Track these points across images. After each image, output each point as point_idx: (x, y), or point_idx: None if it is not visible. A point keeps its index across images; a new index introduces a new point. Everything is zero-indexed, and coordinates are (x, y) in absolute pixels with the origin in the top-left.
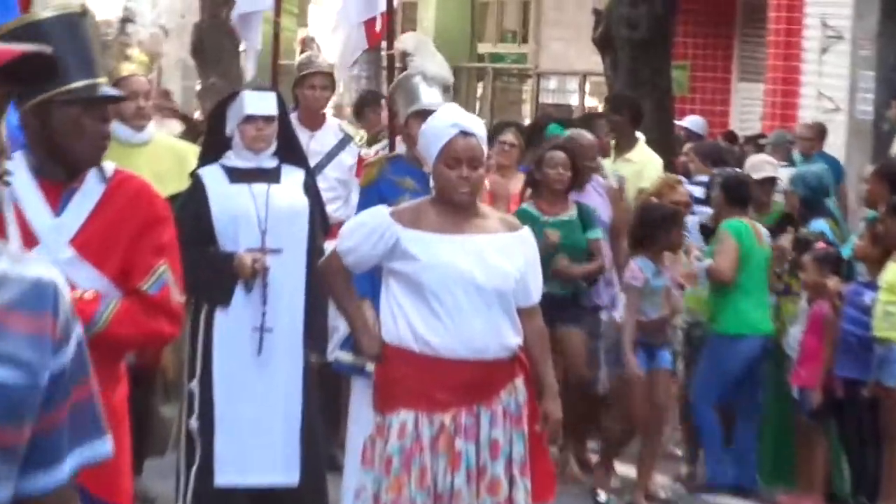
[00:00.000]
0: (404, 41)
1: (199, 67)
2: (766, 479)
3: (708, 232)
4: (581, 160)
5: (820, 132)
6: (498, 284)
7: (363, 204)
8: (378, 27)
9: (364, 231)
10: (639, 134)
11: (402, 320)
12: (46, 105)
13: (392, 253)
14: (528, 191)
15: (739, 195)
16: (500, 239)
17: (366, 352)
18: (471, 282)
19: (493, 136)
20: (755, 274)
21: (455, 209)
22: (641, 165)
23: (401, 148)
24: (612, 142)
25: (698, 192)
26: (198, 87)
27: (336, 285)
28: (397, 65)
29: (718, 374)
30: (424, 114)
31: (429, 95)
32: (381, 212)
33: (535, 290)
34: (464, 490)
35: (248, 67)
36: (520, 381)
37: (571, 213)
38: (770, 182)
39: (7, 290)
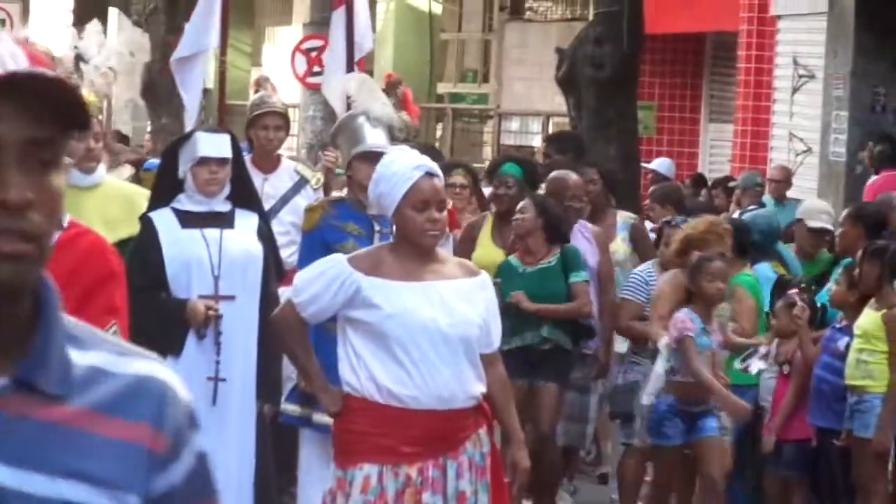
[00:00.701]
0: (347, 84)
1: (150, 108)
2: None
3: None
4: (564, 201)
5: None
6: (463, 332)
7: (306, 249)
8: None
9: (323, 281)
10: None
11: (363, 371)
12: None
13: (352, 302)
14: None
15: (742, 244)
16: (462, 285)
17: (327, 409)
18: (436, 330)
19: None
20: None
21: (415, 255)
22: None
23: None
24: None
25: None
26: (148, 128)
27: (291, 339)
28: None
29: None
30: (369, 156)
31: (374, 137)
32: (338, 259)
33: (496, 335)
34: None
35: (186, 118)
36: (483, 432)
37: (551, 259)
38: (822, 233)
39: (99, 388)
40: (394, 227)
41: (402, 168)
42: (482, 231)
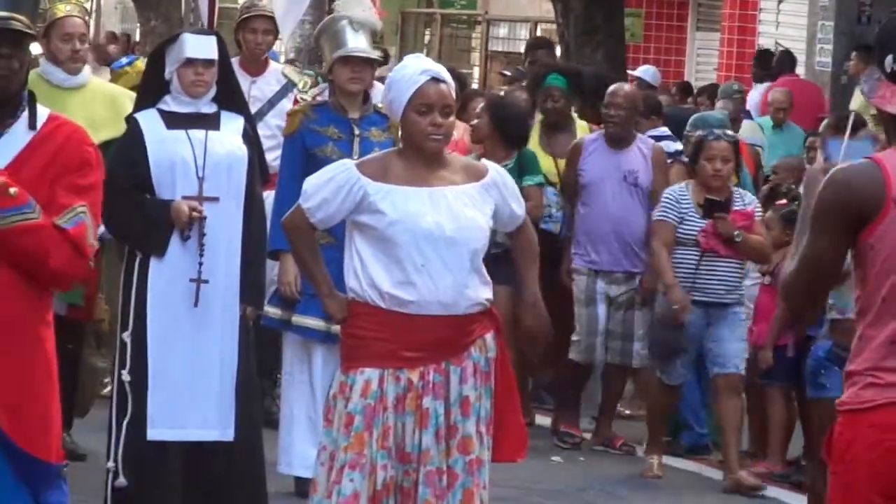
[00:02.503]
0: None
1: (139, 10)
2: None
3: None
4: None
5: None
6: (468, 237)
7: (287, 154)
8: None
9: (332, 186)
10: None
11: (365, 276)
12: None
13: (359, 207)
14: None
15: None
16: (469, 190)
17: (333, 315)
18: (440, 235)
19: None
20: None
21: (423, 161)
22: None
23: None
24: None
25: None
26: (138, 31)
27: (300, 244)
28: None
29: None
30: (350, 59)
31: (355, 41)
32: (346, 165)
33: (518, 208)
34: (433, 449)
35: (202, 8)
36: (490, 337)
37: (508, 163)
38: None
39: None
40: (397, 133)
41: (409, 72)
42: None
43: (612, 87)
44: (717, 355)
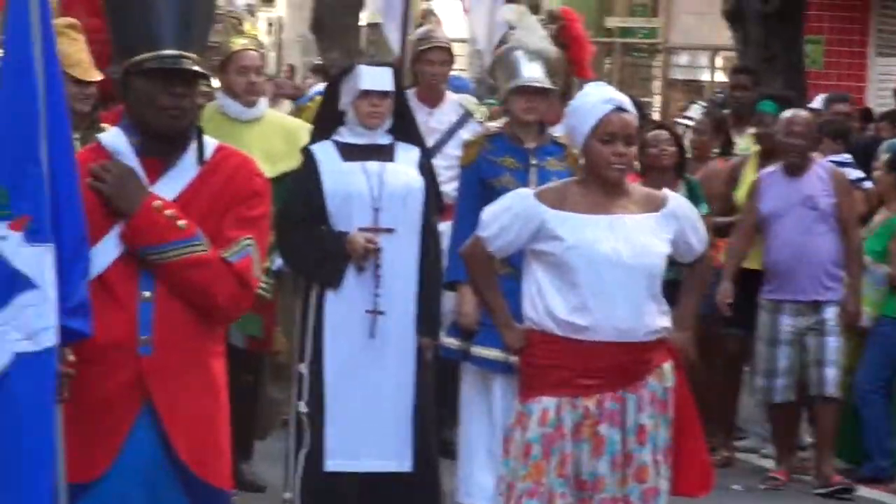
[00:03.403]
0: (507, 13)
1: (319, 43)
2: None
3: None
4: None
5: None
6: (646, 264)
7: (464, 184)
8: None
9: (509, 215)
10: None
11: (543, 304)
12: (126, 77)
13: (537, 235)
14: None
15: None
16: (648, 219)
17: (510, 346)
18: (618, 262)
19: None
20: None
21: (603, 189)
22: None
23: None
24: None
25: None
26: (318, 63)
27: (478, 274)
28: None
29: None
30: (525, 90)
31: (530, 71)
32: (524, 194)
33: (698, 243)
34: (608, 477)
35: (393, 40)
36: (668, 366)
37: (679, 191)
38: None
39: None
40: (577, 161)
41: (593, 101)
42: (745, 169)
43: (788, 115)
44: None
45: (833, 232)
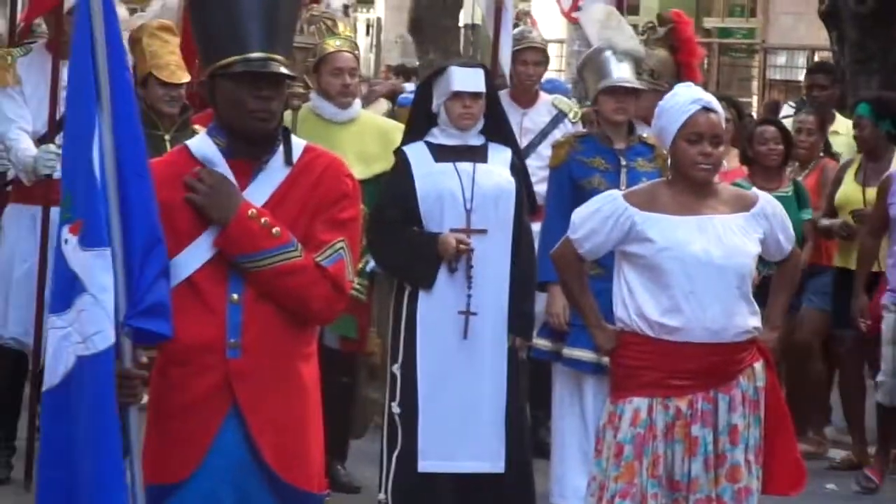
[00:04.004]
0: (594, 13)
1: (418, 44)
2: None
3: None
4: None
5: None
6: (736, 264)
7: (554, 185)
8: None
9: (599, 217)
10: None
11: (634, 305)
12: (212, 79)
13: (627, 237)
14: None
15: None
16: (737, 219)
17: (601, 347)
18: (708, 263)
19: None
20: None
21: (691, 189)
22: (848, 136)
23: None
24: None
25: None
26: (416, 65)
27: (569, 276)
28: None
29: None
30: (615, 90)
31: (619, 71)
32: (614, 195)
33: (787, 242)
34: (702, 477)
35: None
36: (759, 366)
37: (786, 189)
38: None
39: None
40: (666, 162)
41: (680, 101)
42: (849, 170)
43: None
44: None
45: None
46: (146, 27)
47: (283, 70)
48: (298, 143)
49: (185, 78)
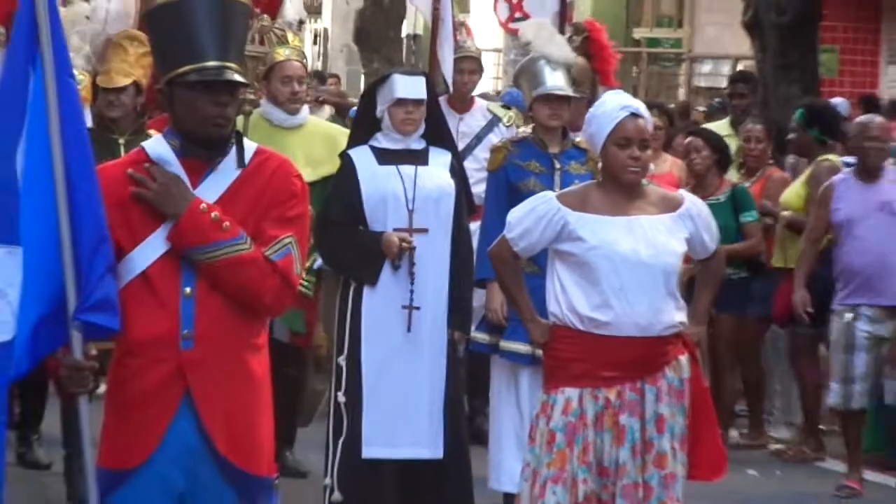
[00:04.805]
0: (524, 29)
1: (362, 53)
2: None
3: None
4: (880, 144)
5: None
6: (663, 263)
7: (492, 188)
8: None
9: (533, 217)
10: None
11: (566, 301)
12: (169, 86)
13: (560, 236)
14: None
15: None
16: (664, 219)
17: (535, 340)
18: (636, 261)
19: None
20: None
21: (621, 191)
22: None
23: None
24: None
25: None
26: (362, 72)
27: (505, 273)
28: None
29: None
30: (549, 97)
31: (553, 79)
32: (547, 197)
33: (711, 241)
34: (629, 464)
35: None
36: (684, 359)
37: (718, 196)
38: None
39: None
40: (597, 165)
41: (610, 108)
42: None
43: (864, 120)
44: None
45: None
46: (112, 38)
47: (238, 78)
48: (250, 146)
49: (123, 82)
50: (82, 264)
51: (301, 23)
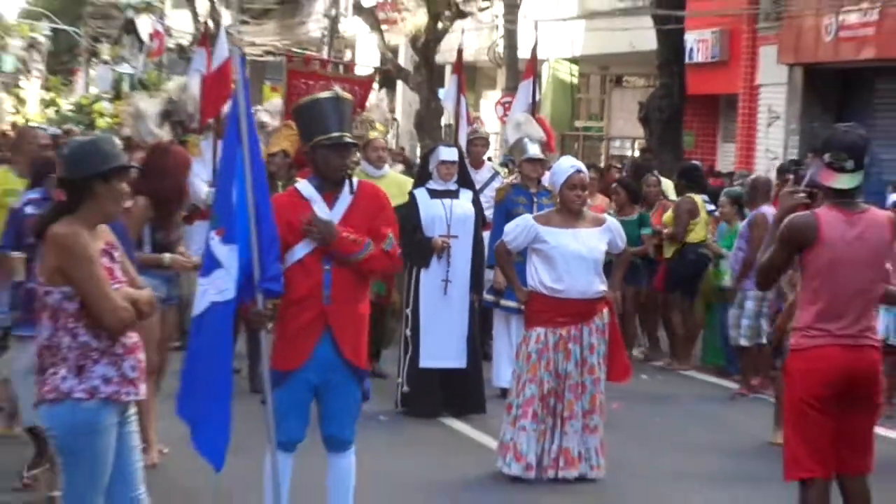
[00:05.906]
0: (517, 117)
1: (419, 135)
2: None
3: None
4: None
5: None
6: (594, 256)
7: (496, 216)
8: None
9: (519, 229)
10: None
11: (537, 277)
12: (314, 147)
13: (534, 240)
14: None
15: None
16: (595, 231)
17: (520, 300)
18: (579, 255)
19: None
20: None
21: (571, 215)
22: (667, 185)
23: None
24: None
25: None
26: (418, 148)
27: (503, 260)
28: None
29: None
30: (532, 160)
31: (533, 149)
32: (527, 218)
33: (622, 243)
34: (573, 372)
35: (461, 135)
36: (605, 312)
37: (633, 216)
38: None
39: None
40: (556, 199)
41: (564, 167)
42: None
43: (752, 177)
44: None
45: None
46: (284, 124)
47: (352, 140)
48: (354, 181)
49: (274, 150)
50: (263, 254)
51: (394, 120)
